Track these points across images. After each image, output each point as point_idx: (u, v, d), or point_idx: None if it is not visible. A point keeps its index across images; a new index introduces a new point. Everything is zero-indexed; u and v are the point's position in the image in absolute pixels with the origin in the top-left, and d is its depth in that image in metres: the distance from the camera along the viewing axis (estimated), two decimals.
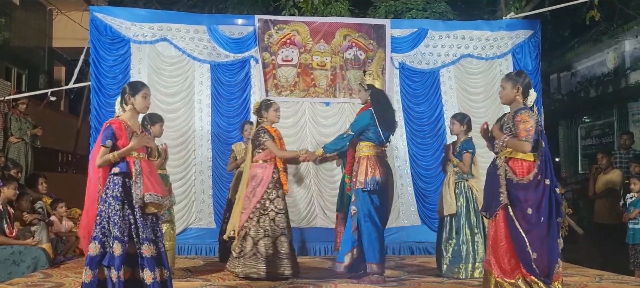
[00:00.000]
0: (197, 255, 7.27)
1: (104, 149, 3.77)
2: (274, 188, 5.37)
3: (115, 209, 3.73)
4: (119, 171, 3.79)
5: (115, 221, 3.71)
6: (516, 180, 4.01)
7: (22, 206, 6.45)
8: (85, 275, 3.71)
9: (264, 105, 5.56)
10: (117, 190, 3.75)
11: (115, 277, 3.69)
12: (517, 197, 4.00)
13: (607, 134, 11.37)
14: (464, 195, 5.64)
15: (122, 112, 3.94)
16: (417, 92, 8.26)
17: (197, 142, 7.84)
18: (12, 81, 11.81)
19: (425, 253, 7.45)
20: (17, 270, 5.56)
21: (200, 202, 7.78)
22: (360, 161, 5.27)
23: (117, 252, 3.69)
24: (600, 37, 11.21)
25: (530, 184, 3.98)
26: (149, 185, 3.78)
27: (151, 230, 3.84)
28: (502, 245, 4.05)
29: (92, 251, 3.70)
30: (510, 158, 4.08)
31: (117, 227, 3.70)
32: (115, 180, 3.78)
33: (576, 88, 11.84)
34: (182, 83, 7.89)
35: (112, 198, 3.74)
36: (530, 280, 4.00)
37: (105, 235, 3.74)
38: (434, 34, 8.27)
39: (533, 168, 4.01)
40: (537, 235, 3.97)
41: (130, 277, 3.76)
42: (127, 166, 3.80)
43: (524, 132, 3.97)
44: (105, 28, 7.68)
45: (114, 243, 3.70)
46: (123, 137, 3.80)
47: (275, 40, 8.02)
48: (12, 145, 8.32)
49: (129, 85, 4.06)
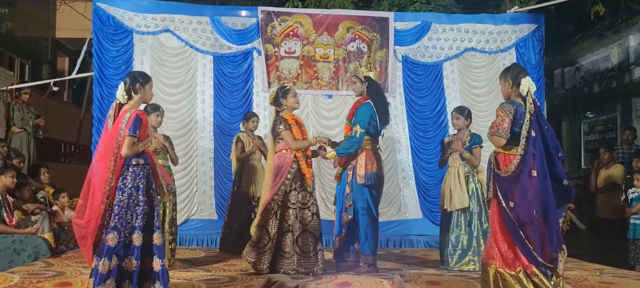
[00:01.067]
0: (199, 246, 7.29)
1: (132, 138, 3.75)
2: (293, 179, 5.13)
3: (137, 200, 3.78)
4: (144, 162, 3.84)
5: (138, 212, 3.77)
6: (501, 173, 4.03)
7: (24, 195, 6.47)
8: (101, 266, 3.69)
9: (282, 93, 5.36)
10: (139, 180, 3.78)
11: (134, 267, 3.75)
12: (502, 189, 4.03)
13: (610, 129, 11.33)
14: (475, 188, 5.64)
15: (126, 100, 3.92)
16: (420, 85, 8.24)
17: (199, 134, 7.85)
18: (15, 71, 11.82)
19: (427, 246, 7.46)
20: (18, 259, 5.58)
21: (202, 194, 7.79)
22: (359, 155, 5.26)
23: (137, 242, 3.76)
24: (604, 32, 11.14)
25: (510, 177, 3.98)
26: (164, 176, 3.88)
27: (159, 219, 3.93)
28: (499, 236, 4.08)
29: (111, 241, 3.71)
30: (498, 153, 4.11)
31: (140, 218, 3.76)
32: (136, 170, 3.81)
33: (580, 83, 11.79)
34: (185, 74, 7.90)
35: (134, 189, 3.77)
36: (531, 272, 4.00)
37: (123, 226, 3.77)
38: (437, 27, 8.24)
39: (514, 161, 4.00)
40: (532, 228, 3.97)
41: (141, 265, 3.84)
42: (149, 157, 3.87)
43: (493, 127, 4.02)
44: (108, 18, 7.68)
45: (134, 233, 3.75)
46: (146, 128, 3.88)
47: (278, 32, 8.00)
48: (15, 135, 8.34)
49: (139, 74, 4.07)
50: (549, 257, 4.03)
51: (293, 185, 5.13)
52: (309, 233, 5.09)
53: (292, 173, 5.12)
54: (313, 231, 5.11)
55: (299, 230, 5.09)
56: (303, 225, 5.09)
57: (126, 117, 3.80)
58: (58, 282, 4.59)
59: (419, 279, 5.05)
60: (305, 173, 5.15)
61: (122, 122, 3.79)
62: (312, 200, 5.19)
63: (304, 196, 5.15)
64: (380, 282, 4.91)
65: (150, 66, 7.64)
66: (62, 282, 4.60)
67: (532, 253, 3.96)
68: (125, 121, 3.78)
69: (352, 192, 5.24)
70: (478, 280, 4.75)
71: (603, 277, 5.14)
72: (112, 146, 3.78)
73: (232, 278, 4.94)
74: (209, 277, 5.05)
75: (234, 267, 5.62)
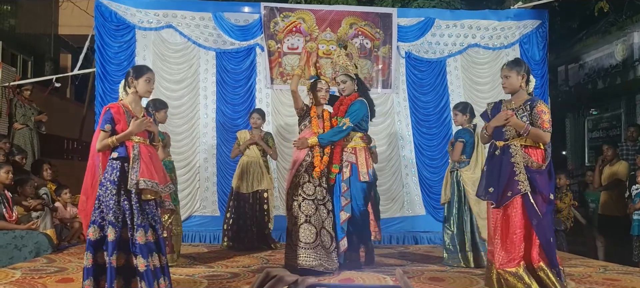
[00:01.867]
0: (201, 243, 7.28)
1: (103, 133, 3.74)
2: (306, 171, 5.02)
3: (111, 194, 3.69)
4: (118, 156, 3.75)
5: (110, 206, 3.68)
6: (536, 166, 4.00)
7: (26, 192, 6.47)
8: (85, 260, 3.71)
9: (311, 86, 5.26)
10: (115, 174, 3.71)
11: (107, 263, 3.68)
12: (536, 183, 3.99)
13: (614, 127, 11.29)
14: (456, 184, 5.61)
15: (125, 96, 3.91)
16: (423, 82, 8.21)
17: (202, 130, 7.84)
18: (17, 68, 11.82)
19: (430, 243, 7.43)
20: (19, 255, 5.56)
21: (205, 190, 7.78)
22: (358, 152, 5.21)
23: (110, 237, 3.66)
24: (608, 29, 11.10)
25: (544, 171, 4.01)
26: (145, 171, 3.72)
27: (148, 217, 3.80)
28: (518, 233, 4.03)
29: (92, 235, 3.69)
30: (527, 146, 4.06)
31: (112, 212, 3.67)
32: (113, 164, 3.75)
33: (584, 80, 11.75)
34: (187, 70, 7.88)
35: (109, 183, 3.71)
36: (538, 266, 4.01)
37: (103, 220, 3.73)
38: (440, 23, 8.20)
39: (546, 156, 4.04)
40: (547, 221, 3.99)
41: (125, 263, 3.73)
42: (126, 151, 3.77)
43: (547, 124, 3.98)
44: (110, 14, 7.67)
45: (108, 229, 3.69)
46: (122, 121, 3.76)
47: (281, 28, 7.98)
48: (17, 131, 8.34)
49: (133, 68, 4.02)
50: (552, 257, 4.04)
51: (306, 178, 5.02)
52: (325, 230, 4.96)
53: (304, 166, 5.05)
54: (328, 228, 4.99)
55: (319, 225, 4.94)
56: (321, 221, 4.96)
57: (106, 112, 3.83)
58: (60, 277, 4.58)
59: (422, 275, 5.02)
60: (316, 165, 5.04)
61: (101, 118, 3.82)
62: (328, 197, 5.08)
63: (321, 191, 5.02)
64: (383, 277, 4.89)
65: (152, 62, 7.62)
66: (63, 277, 4.58)
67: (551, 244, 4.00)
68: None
69: (350, 189, 5.17)
70: (482, 277, 4.73)
71: (607, 274, 5.11)
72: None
73: (234, 275, 4.93)
74: (212, 273, 5.03)
75: (237, 263, 5.61)
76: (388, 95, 8.09)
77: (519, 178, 3.98)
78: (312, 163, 5.04)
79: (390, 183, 7.94)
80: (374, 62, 8.10)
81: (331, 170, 5.21)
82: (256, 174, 6.67)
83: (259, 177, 6.68)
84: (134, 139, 3.77)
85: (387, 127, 8.06)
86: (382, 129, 7.97)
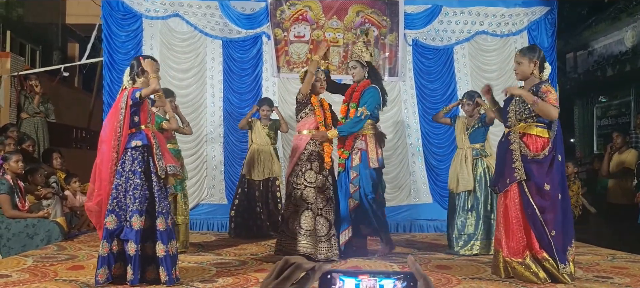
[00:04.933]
0: (209, 231, 7.33)
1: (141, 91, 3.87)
2: (307, 160, 5.03)
3: (135, 183, 3.74)
4: (141, 144, 3.80)
5: (136, 195, 3.72)
6: (531, 155, 3.97)
7: (36, 180, 6.53)
8: (101, 248, 3.75)
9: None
10: (137, 164, 3.75)
11: (134, 251, 3.73)
12: (532, 172, 3.96)
13: (623, 114, 11.20)
14: (482, 172, 5.61)
15: (130, 84, 3.96)
16: (431, 69, 8.18)
17: (209, 118, 7.86)
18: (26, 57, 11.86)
19: (437, 231, 7.44)
20: (31, 243, 5.63)
21: (212, 178, 7.81)
22: (368, 139, 5.20)
23: (136, 226, 3.71)
24: (618, 15, 10.97)
25: (545, 160, 3.96)
26: (169, 158, 3.82)
27: (167, 204, 3.89)
28: (515, 222, 4.03)
29: (110, 224, 3.73)
30: (525, 134, 4.04)
31: (138, 201, 3.71)
32: (134, 154, 3.79)
33: (593, 67, 11.64)
34: (194, 59, 7.89)
35: (131, 172, 3.75)
36: (542, 257, 3.98)
37: (122, 209, 3.76)
38: (448, 10, 8.16)
39: (548, 145, 3.99)
40: (554, 212, 3.95)
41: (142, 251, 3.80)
42: (147, 139, 3.83)
43: (554, 101, 3.96)
44: (117, 3, 7.69)
45: (133, 217, 3.72)
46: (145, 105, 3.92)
47: (287, 16, 7.96)
48: (24, 120, 8.40)
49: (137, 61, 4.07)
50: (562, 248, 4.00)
51: (309, 166, 5.03)
52: (323, 217, 4.96)
53: (306, 154, 5.06)
54: (327, 215, 4.98)
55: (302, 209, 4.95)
56: (319, 208, 4.96)
57: (125, 95, 3.87)
58: (70, 265, 4.63)
59: (429, 263, 5.04)
60: (326, 153, 5.05)
61: (121, 102, 3.84)
62: (328, 184, 5.07)
63: (321, 179, 5.02)
64: (390, 265, 4.91)
65: (159, 51, 7.64)
66: (74, 265, 4.63)
67: (547, 238, 3.94)
68: (123, 100, 3.83)
69: (359, 176, 5.17)
70: (488, 265, 4.74)
71: (615, 262, 5.10)
72: (114, 127, 3.83)
73: (242, 262, 4.96)
74: (220, 260, 5.07)
75: (245, 251, 5.64)
76: (395, 83, 8.07)
77: (515, 166, 3.99)
78: (314, 152, 5.04)
79: (397, 171, 7.94)
80: (381, 50, 8.07)
81: (341, 156, 5.22)
82: (267, 161, 6.71)
83: (270, 164, 6.72)
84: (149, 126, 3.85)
85: (393, 115, 8.04)
86: (389, 116, 7.95)
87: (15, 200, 5.81)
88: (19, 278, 4.07)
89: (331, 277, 0.98)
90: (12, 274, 4.21)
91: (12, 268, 4.42)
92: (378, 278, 0.98)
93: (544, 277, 4.03)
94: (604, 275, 4.49)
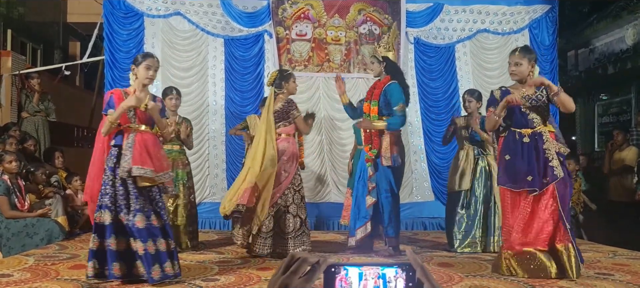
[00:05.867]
0: (211, 229, 7.34)
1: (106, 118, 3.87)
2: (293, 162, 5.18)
3: (108, 179, 3.84)
4: (115, 144, 3.90)
5: (106, 191, 3.83)
6: (563, 151, 4.06)
7: (38, 179, 6.53)
8: (91, 242, 3.85)
9: (285, 76, 5.26)
10: (112, 161, 3.86)
11: (113, 246, 3.79)
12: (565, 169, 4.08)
13: (624, 112, 11.20)
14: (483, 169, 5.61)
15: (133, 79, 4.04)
16: (432, 68, 8.18)
17: (211, 117, 7.86)
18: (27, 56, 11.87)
19: (438, 229, 7.45)
20: (31, 242, 5.64)
21: (214, 177, 7.82)
22: (384, 136, 5.16)
23: (106, 221, 3.78)
24: (619, 13, 10.97)
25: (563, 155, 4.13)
26: (137, 158, 3.80)
27: (152, 202, 3.89)
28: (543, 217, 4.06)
29: (98, 219, 3.80)
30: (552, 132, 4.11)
31: (108, 197, 3.82)
32: (112, 151, 3.91)
33: (594, 65, 11.65)
34: (196, 57, 7.90)
35: (108, 169, 3.85)
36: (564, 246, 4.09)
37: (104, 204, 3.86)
38: (449, 9, 8.16)
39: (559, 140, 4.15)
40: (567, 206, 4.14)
41: (126, 247, 3.84)
42: (122, 139, 3.88)
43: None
44: (118, 2, 7.70)
45: (104, 212, 3.77)
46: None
47: (289, 15, 7.96)
48: (25, 119, 8.41)
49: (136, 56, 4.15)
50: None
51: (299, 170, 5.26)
52: (290, 214, 5.09)
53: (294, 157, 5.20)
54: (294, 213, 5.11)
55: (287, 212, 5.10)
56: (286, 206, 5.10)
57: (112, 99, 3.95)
58: (72, 264, 4.65)
59: (431, 261, 5.04)
60: (302, 155, 5.30)
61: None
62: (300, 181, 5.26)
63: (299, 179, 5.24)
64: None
65: (161, 49, 7.65)
66: (75, 264, 4.64)
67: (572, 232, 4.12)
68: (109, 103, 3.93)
69: (376, 173, 5.16)
70: (489, 262, 4.75)
71: (616, 259, 5.11)
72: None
73: (244, 260, 4.97)
74: (222, 259, 5.08)
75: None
76: None
77: (553, 164, 4.02)
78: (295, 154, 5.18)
79: None
80: None
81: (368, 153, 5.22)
82: None
83: None
84: (132, 126, 3.86)
85: None
86: None
87: (14, 200, 5.82)
88: (21, 278, 4.08)
89: (336, 268, 1.05)
90: (13, 273, 4.21)
91: (13, 268, 4.43)
92: (381, 267, 1.06)
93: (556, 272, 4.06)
94: (606, 272, 4.50)
